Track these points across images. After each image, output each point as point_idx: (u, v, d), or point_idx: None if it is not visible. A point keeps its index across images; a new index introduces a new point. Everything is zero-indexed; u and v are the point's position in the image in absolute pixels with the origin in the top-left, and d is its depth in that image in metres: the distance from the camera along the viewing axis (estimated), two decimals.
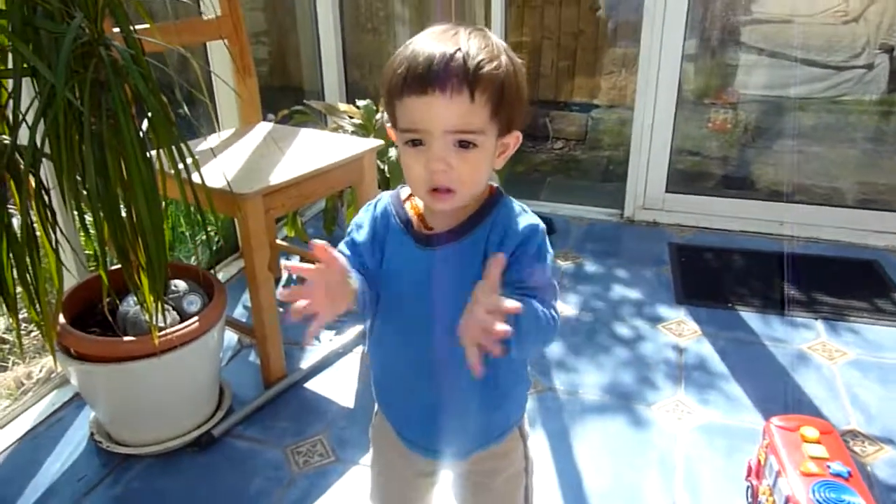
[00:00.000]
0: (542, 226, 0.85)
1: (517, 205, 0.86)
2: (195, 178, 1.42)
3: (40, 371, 1.78)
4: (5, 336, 1.92)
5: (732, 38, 3.67)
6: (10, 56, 1.09)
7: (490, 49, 0.77)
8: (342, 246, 0.89)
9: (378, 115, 2.26)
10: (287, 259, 2.33)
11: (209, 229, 2.29)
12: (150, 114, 1.16)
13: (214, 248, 2.30)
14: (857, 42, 3.82)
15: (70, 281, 1.58)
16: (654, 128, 2.55)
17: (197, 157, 1.50)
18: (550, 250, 0.85)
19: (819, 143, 3.55)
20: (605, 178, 3.40)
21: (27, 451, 1.51)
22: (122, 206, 1.22)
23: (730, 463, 1.46)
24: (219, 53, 2.09)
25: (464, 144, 0.76)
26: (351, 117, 2.33)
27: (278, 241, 2.22)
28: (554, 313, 0.80)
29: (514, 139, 0.83)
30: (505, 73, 0.77)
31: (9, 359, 1.85)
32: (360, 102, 2.34)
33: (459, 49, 0.75)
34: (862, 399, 1.66)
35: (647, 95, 2.51)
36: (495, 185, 0.86)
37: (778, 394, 1.68)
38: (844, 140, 3.59)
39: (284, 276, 1.80)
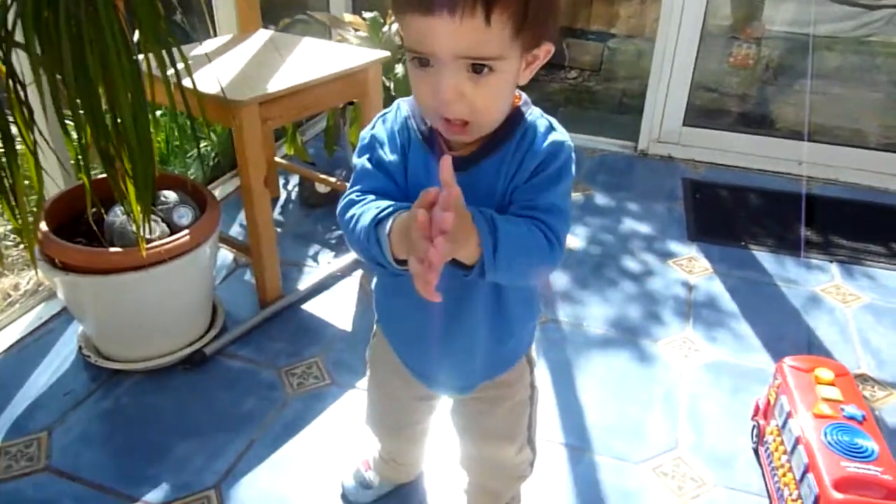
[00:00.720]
0: (569, 143, 0.76)
1: (544, 119, 0.77)
2: (187, 82, 1.32)
3: (28, 283, 1.73)
4: None
5: None
6: None
7: None
8: (364, 162, 0.79)
9: (385, 28, 2.13)
10: (285, 176, 2.25)
11: (204, 143, 2.19)
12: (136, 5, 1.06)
13: (210, 163, 2.21)
14: None
15: (54, 188, 1.50)
16: (676, 58, 2.41)
17: (190, 62, 1.40)
18: (573, 172, 0.77)
19: (843, 85, 3.40)
20: (620, 110, 3.27)
21: (13, 364, 1.47)
22: (104, 107, 1.13)
23: (735, 402, 1.42)
24: None
25: (477, 69, 0.65)
26: (356, 30, 2.19)
27: (277, 159, 2.13)
28: (553, 239, 0.72)
29: (545, 51, 0.71)
30: None
31: None
32: (367, 14, 2.20)
33: None
34: (874, 344, 1.61)
35: (671, 24, 2.36)
36: (521, 96, 0.77)
37: (788, 335, 1.63)
38: (869, 82, 3.44)
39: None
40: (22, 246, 1.89)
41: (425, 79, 0.67)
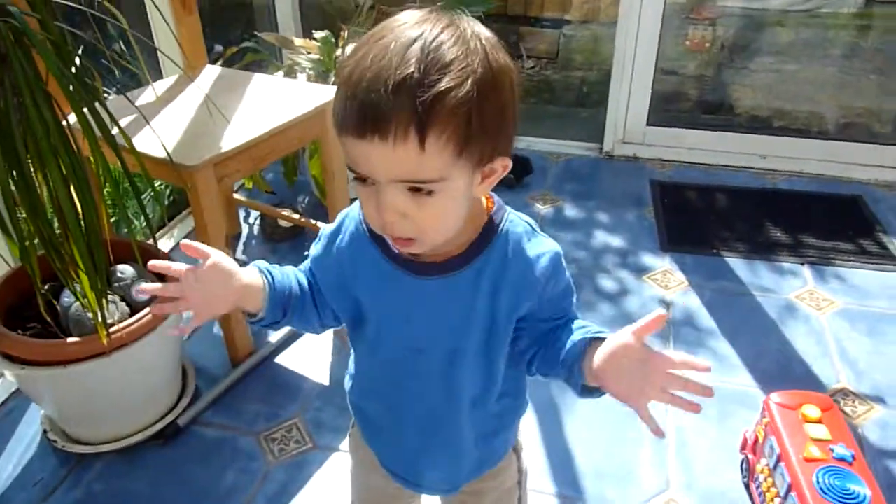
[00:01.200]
0: (559, 251, 0.72)
1: (522, 223, 0.72)
2: (141, 144, 1.24)
3: None
4: None
5: None
6: None
7: (460, 59, 0.57)
8: (306, 265, 0.78)
9: (339, 51, 2.04)
10: (246, 209, 2.17)
11: (158, 182, 2.09)
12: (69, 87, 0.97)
13: (166, 202, 2.11)
14: None
15: (1, 267, 1.41)
16: (638, 45, 2.36)
17: (135, 115, 1.32)
18: (566, 270, 0.73)
19: (797, 61, 3.42)
20: (581, 102, 3.24)
21: None
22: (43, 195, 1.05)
23: (723, 430, 1.42)
24: None
25: (418, 190, 0.60)
26: (308, 52, 2.10)
27: (236, 196, 2.05)
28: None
29: (501, 166, 0.65)
30: (477, 97, 0.57)
31: None
32: (318, 35, 2.11)
33: (412, 69, 0.55)
34: (850, 354, 1.63)
35: (632, 6, 2.31)
36: (494, 199, 0.72)
37: (768, 351, 1.63)
38: (822, 57, 3.47)
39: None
40: None
41: (369, 196, 0.63)
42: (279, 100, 1.55)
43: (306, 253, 0.79)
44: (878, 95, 2.89)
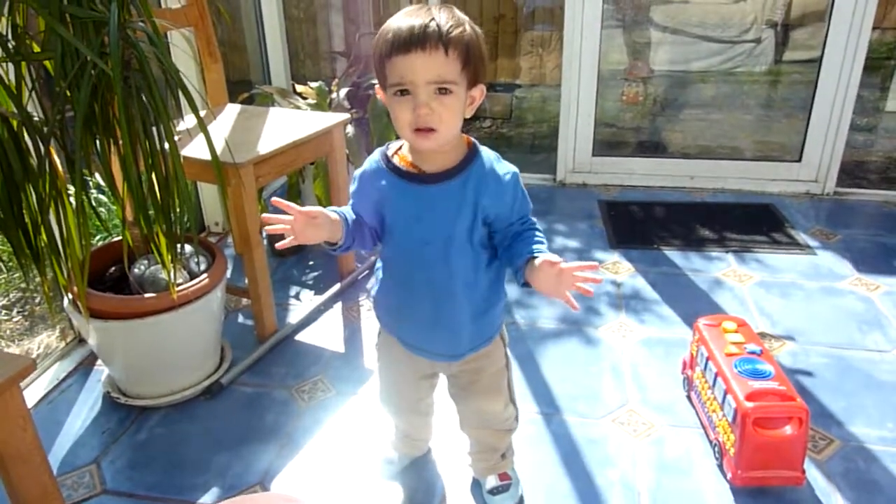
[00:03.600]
0: (518, 171, 1.09)
1: (490, 153, 1.10)
2: (191, 151, 1.59)
3: (39, 348, 1.89)
4: None
5: (641, 17, 4.04)
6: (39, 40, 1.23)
7: (456, 19, 0.99)
8: (349, 208, 1.15)
9: (333, 95, 2.44)
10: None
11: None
12: (178, 89, 1.32)
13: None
14: (747, 18, 4.28)
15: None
16: (580, 99, 2.84)
17: (178, 137, 1.66)
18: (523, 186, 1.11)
19: (719, 111, 3.98)
20: (534, 150, 3.69)
21: (45, 415, 1.63)
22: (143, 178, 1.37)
23: (667, 364, 1.76)
24: (178, 40, 2.22)
25: (442, 91, 0.98)
26: (305, 98, 2.50)
27: None
28: (538, 226, 1.11)
29: (480, 92, 1.05)
30: (469, 37, 0.99)
31: None
32: (313, 84, 2.51)
33: (433, 19, 0.97)
34: (767, 310, 2.01)
35: (572, 70, 2.80)
36: (472, 138, 1.10)
37: (700, 311, 1.98)
38: (740, 107, 4.04)
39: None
40: (16, 320, 2.04)
41: (404, 105, 0.99)
42: (295, 124, 1.92)
43: (311, 262, 1.16)
44: (787, 133, 3.42)
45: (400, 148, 1.11)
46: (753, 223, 2.57)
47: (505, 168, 1.09)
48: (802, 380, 1.71)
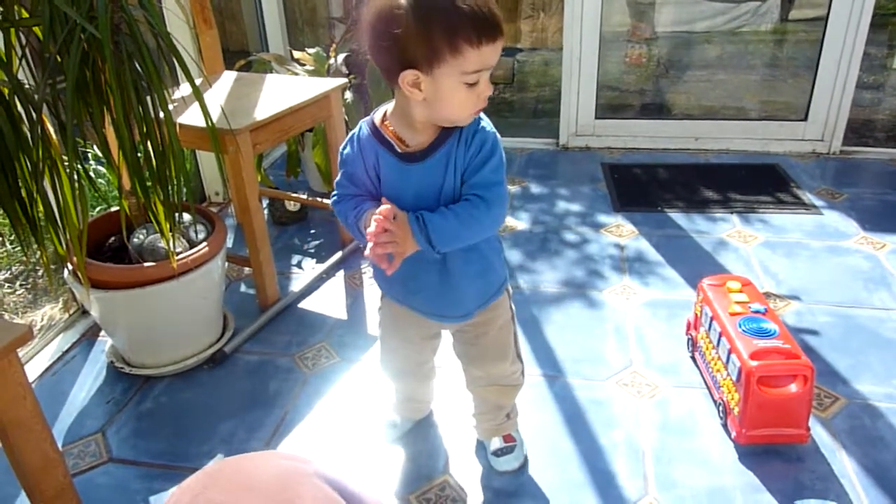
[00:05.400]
0: (492, 130, 1.07)
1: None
2: (188, 119, 1.56)
3: (42, 320, 1.89)
4: None
5: None
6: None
7: None
8: (343, 180, 1.12)
9: (331, 61, 2.40)
10: None
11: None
12: (171, 55, 1.29)
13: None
14: None
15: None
16: (582, 62, 2.79)
17: (176, 104, 1.63)
18: (500, 152, 1.07)
19: (724, 71, 3.91)
20: (537, 115, 3.64)
21: (50, 386, 1.64)
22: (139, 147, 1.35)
23: (671, 326, 1.75)
24: (172, 5, 2.17)
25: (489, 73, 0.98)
26: (302, 64, 2.46)
27: None
28: (491, 202, 1.05)
29: None
30: None
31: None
32: (310, 50, 2.47)
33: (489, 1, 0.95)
34: (772, 269, 1.99)
35: (574, 33, 2.74)
36: None
37: (705, 272, 1.96)
38: (745, 67, 3.98)
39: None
40: (19, 293, 2.04)
41: (470, 93, 0.97)
42: (293, 89, 1.88)
43: (312, 231, 1.13)
44: (792, 93, 3.36)
45: (385, 118, 1.08)
46: (758, 183, 2.54)
47: (481, 126, 1.06)
48: (808, 339, 1.70)
